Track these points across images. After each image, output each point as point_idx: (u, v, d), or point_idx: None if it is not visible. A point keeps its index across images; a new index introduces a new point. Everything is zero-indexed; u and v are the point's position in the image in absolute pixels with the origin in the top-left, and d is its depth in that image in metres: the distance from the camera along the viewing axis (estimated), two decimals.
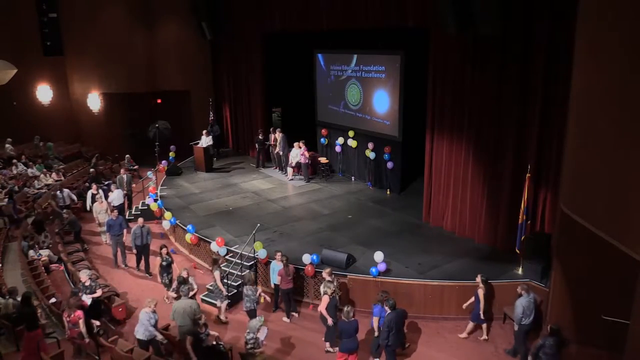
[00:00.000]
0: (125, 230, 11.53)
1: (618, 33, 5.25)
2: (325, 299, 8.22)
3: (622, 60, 5.18)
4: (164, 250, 9.97)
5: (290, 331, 9.06)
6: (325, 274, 8.76)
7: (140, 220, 11.21)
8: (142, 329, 7.78)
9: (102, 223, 12.45)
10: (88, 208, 13.74)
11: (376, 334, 8.01)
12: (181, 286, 8.55)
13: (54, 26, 19.44)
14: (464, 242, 11.07)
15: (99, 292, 8.85)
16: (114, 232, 11.49)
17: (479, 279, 8.53)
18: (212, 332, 7.72)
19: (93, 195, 13.61)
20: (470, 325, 8.74)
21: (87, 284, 8.78)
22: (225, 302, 9.53)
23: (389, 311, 7.71)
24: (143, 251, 11.20)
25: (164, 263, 9.87)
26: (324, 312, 8.22)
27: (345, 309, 7.63)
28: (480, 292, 8.43)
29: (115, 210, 12.20)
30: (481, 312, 8.45)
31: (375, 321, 8.01)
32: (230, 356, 7.71)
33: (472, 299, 8.56)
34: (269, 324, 9.25)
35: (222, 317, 9.45)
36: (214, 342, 7.51)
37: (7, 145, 18.44)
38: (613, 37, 5.36)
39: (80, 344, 7.91)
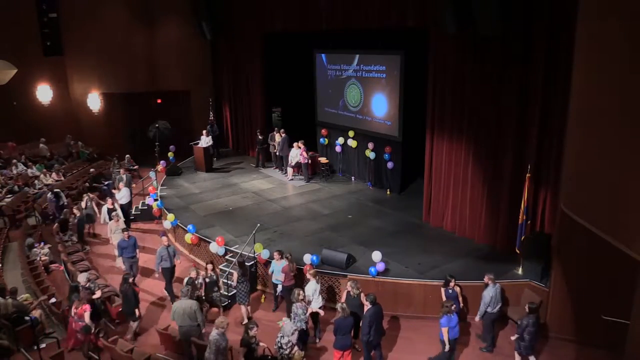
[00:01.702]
0: (137, 251, 10.54)
1: (618, 33, 5.25)
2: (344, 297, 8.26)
3: (622, 60, 5.19)
4: (209, 267, 9.23)
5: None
6: (309, 274, 8.80)
7: (165, 239, 10.06)
8: (212, 356, 7.00)
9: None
10: (102, 221, 12.45)
11: (446, 347, 7.61)
12: (184, 287, 8.49)
13: (54, 26, 19.43)
14: (464, 242, 11.07)
15: (97, 294, 8.80)
16: (128, 255, 10.33)
17: (453, 283, 8.48)
18: (261, 343, 7.43)
19: (109, 211, 12.21)
20: None
21: (86, 285, 8.77)
22: (244, 304, 9.49)
23: (369, 306, 7.71)
24: (170, 274, 10.06)
25: (207, 280, 9.15)
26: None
27: (340, 305, 7.66)
28: (458, 290, 8.52)
29: (127, 232, 10.62)
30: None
31: (445, 332, 7.51)
32: None
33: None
34: (269, 324, 9.27)
35: (245, 319, 9.45)
36: (263, 352, 7.36)
37: (41, 145, 18.65)
38: (613, 37, 5.36)
39: (83, 339, 7.96)
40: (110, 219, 11.77)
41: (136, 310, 8.72)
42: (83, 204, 13.15)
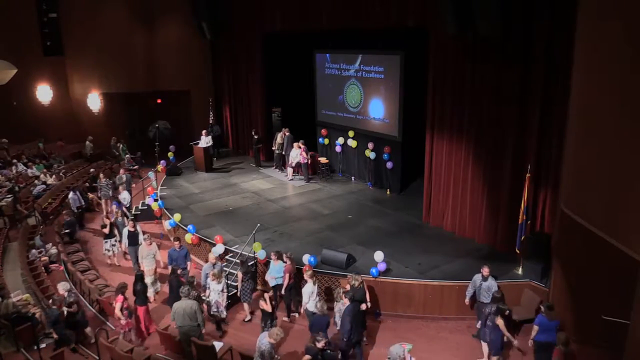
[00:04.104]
0: (189, 263, 9.92)
1: (618, 33, 5.25)
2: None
3: (622, 60, 5.19)
4: (268, 295, 8.67)
5: (290, 331, 9.05)
6: (306, 275, 8.78)
7: (212, 256, 9.56)
8: None
9: (151, 270, 10.04)
10: (124, 246, 11.37)
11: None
12: (182, 287, 8.48)
13: (54, 26, 19.49)
14: (464, 242, 11.07)
15: (74, 308, 8.44)
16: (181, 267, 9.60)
17: (507, 312, 7.69)
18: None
19: (130, 234, 10.91)
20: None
21: (65, 296, 8.64)
22: (249, 301, 9.55)
23: (346, 304, 7.76)
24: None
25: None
26: None
27: (319, 303, 7.70)
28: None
29: (178, 241, 10.02)
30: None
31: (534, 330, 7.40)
32: None
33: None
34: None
35: (248, 316, 9.57)
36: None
37: (87, 144, 18.92)
38: (613, 37, 5.36)
39: (120, 327, 8.40)
40: (131, 243, 10.87)
41: None
42: (112, 219, 11.98)
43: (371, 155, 14.42)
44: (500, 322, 7.50)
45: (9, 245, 12.08)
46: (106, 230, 11.39)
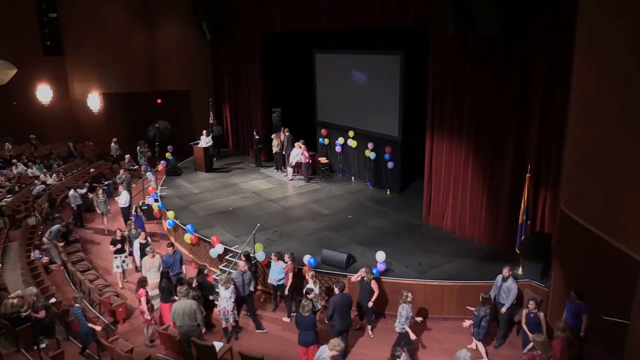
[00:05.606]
0: (184, 267, 9.69)
1: (618, 33, 5.25)
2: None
3: (622, 60, 5.18)
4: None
5: (290, 331, 9.03)
6: (308, 276, 8.77)
7: (242, 264, 9.13)
8: None
9: (155, 283, 9.31)
10: (138, 262, 10.47)
11: None
12: (180, 287, 8.47)
13: (54, 26, 19.49)
14: (464, 242, 11.07)
15: (41, 314, 8.27)
16: (174, 272, 9.44)
17: (533, 304, 7.75)
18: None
19: (142, 246, 10.35)
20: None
21: (34, 301, 8.48)
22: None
23: (336, 293, 7.94)
24: (245, 304, 9.20)
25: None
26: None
27: (303, 302, 7.72)
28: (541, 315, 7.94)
29: (171, 247, 9.90)
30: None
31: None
32: None
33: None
34: (269, 323, 9.27)
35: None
36: None
37: (112, 145, 19.03)
38: (613, 37, 5.36)
39: (145, 321, 8.55)
40: (143, 256, 10.19)
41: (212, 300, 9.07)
42: (126, 232, 11.23)
43: (371, 155, 14.42)
44: (540, 314, 7.75)
45: (9, 245, 12.08)
46: (113, 248, 10.63)
